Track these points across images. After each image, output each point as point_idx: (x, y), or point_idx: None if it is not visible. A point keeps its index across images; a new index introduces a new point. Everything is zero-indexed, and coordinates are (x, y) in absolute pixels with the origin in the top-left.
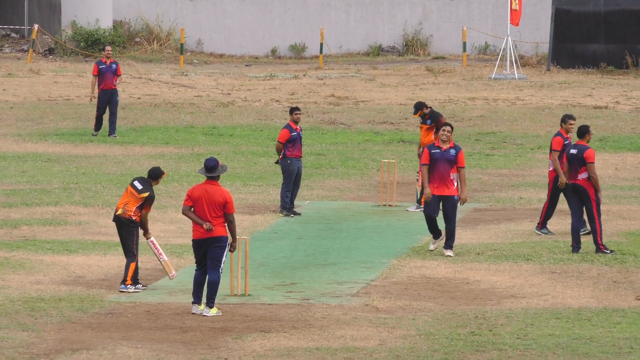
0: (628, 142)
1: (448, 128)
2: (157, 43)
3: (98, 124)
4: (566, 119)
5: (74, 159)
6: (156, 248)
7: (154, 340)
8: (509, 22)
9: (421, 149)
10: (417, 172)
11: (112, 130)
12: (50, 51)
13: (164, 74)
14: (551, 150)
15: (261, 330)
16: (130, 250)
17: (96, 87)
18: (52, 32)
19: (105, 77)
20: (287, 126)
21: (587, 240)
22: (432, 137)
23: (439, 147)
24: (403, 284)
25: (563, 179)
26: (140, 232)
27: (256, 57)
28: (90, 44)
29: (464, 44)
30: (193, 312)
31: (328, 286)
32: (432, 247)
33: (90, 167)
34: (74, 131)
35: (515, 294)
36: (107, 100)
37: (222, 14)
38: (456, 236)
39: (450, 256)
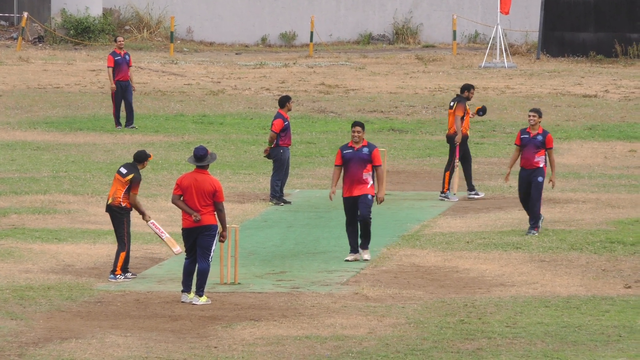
0: (617, 130)
1: (358, 128)
2: (147, 31)
3: (119, 117)
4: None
5: (63, 147)
6: (157, 228)
7: (143, 329)
8: (498, 10)
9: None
10: (455, 161)
11: (130, 120)
12: (40, 39)
13: (154, 62)
14: None
15: (251, 318)
16: (121, 238)
17: (112, 78)
18: (42, 20)
19: (121, 69)
20: (280, 115)
21: (574, 229)
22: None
23: (351, 147)
24: (393, 273)
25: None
26: (136, 219)
27: (246, 46)
28: (79, 32)
29: (454, 32)
30: (182, 300)
31: (318, 275)
32: (349, 258)
33: (80, 155)
34: (64, 119)
35: (505, 283)
36: (122, 91)
37: (213, 1)
38: (446, 224)
39: (367, 259)
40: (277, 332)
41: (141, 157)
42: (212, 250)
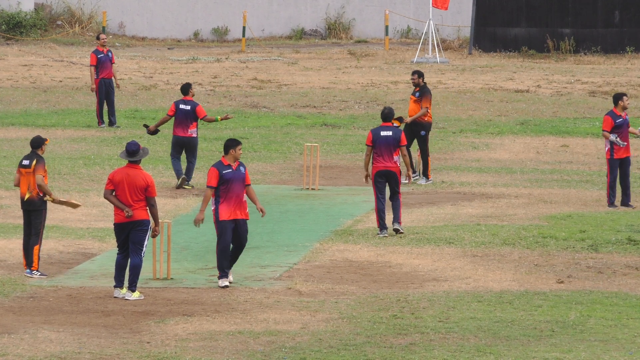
0: (549, 125)
1: (241, 146)
2: (79, 26)
3: (102, 115)
4: None
5: None
6: (61, 201)
7: (75, 324)
8: (431, 5)
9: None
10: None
11: (113, 120)
12: None
13: (86, 57)
14: None
15: (184, 314)
16: (38, 232)
17: (94, 76)
18: None
19: (105, 67)
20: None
21: (507, 224)
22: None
23: (229, 166)
24: (326, 268)
25: None
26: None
27: (178, 41)
28: (11, 27)
29: (386, 27)
30: (115, 295)
31: (251, 270)
32: (225, 283)
33: (12, 150)
34: None
35: (437, 277)
36: (105, 89)
37: None
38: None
39: (228, 285)
40: (210, 328)
41: (37, 143)
42: (144, 246)
